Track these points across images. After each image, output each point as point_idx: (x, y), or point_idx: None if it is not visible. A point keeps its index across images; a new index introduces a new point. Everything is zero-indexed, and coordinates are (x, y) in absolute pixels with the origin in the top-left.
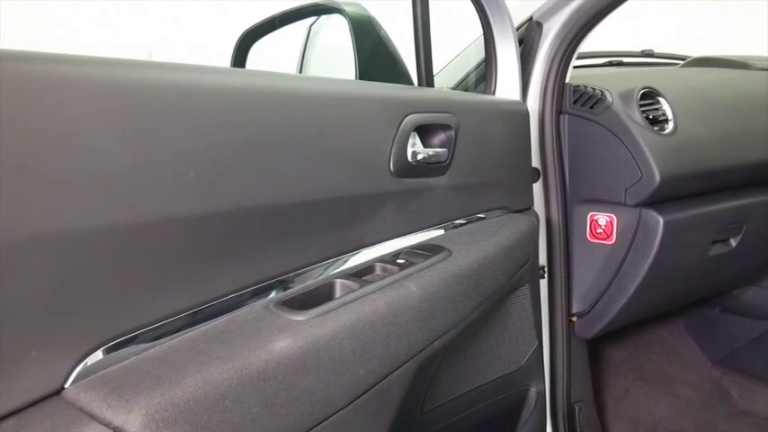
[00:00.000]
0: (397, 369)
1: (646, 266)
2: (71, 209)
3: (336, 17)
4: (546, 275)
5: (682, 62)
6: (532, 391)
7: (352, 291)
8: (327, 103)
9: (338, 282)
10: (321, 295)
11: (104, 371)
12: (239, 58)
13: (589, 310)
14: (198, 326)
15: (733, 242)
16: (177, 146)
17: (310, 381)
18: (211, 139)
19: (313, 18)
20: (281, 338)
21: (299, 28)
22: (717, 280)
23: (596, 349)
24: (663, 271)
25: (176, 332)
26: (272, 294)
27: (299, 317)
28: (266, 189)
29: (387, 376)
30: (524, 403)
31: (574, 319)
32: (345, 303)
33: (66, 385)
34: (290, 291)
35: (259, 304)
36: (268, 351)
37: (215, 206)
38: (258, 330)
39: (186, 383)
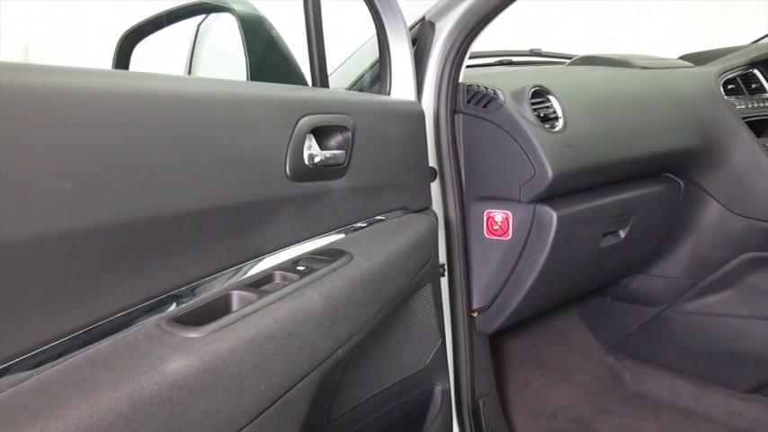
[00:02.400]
0: (300, 381)
1: (541, 260)
2: None
3: (226, 16)
4: (446, 273)
5: (568, 61)
6: (438, 389)
7: (250, 302)
8: (217, 105)
9: (235, 293)
10: (217, 309)
11: None
12: (122, 58)
13: (489, 306)
14: (82, 350)
15: (622, 233)
16: (50, 154)
17: (208, 401)
18: (90, 146)
19: (202, 16)
20: (175, 358)
21: (186, 27)
22: (608, 270)
23: (498, 343)
24: (558, 264)
25: (57, 358)
26: (164, 311)
27: (194, 333)
28: (152, 199)
29: (290, 389)
30: (430, 403)
31: (475, 314)
32: (244, 316)
33: None
34: (183, 306)
35: (150, 322)
36: (161, 373)
37: (96, 219)
38: (149, 351)
39: (69, 416)
